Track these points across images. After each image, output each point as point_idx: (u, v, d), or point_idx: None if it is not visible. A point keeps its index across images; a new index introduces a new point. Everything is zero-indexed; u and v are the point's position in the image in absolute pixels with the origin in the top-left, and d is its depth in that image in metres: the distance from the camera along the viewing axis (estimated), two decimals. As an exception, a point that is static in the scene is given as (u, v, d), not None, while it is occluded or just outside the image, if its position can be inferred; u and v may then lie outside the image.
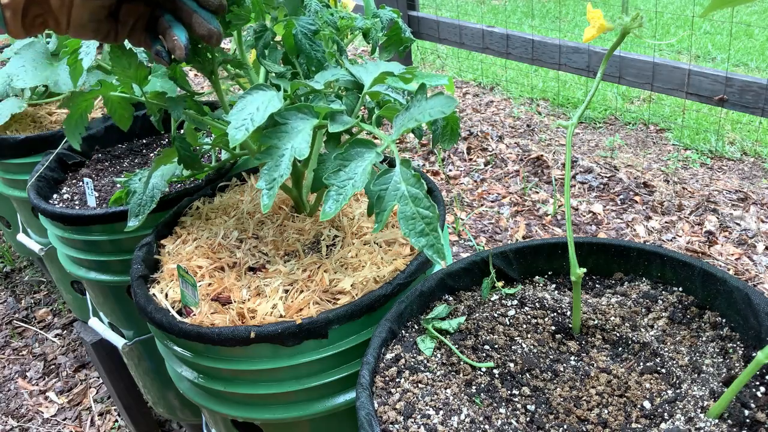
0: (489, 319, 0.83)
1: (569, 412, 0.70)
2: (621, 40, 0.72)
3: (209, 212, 1.10)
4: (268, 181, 0.70)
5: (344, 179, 0.66)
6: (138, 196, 1.04)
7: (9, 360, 2.15)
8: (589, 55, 2.17)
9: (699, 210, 2.16)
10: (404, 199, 0.62)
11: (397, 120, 0.69)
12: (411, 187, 0.63)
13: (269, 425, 0.90)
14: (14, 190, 1.64)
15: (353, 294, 0.87)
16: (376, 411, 0.69)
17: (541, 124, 2.99)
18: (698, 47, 4.05)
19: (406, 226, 0.62)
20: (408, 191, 0.63)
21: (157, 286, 0.95)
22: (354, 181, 0.65)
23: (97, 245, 1.23)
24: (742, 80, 1.81)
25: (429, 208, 0.62)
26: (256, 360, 0.82)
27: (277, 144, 0.71)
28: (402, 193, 0.62)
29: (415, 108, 0.68)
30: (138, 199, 1.04)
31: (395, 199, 0.63)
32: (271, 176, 0.70)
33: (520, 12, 5.12)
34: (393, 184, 0.63)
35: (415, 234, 0.62)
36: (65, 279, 1.71)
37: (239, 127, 0.71)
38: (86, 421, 1.88)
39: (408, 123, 0.67)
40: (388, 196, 0.63)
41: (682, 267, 0.84)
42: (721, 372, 0.71)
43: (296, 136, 0.71)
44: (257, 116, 0.71)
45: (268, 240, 1.00)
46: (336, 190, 0.66)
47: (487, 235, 2.19)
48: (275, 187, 0.70)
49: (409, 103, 0.70)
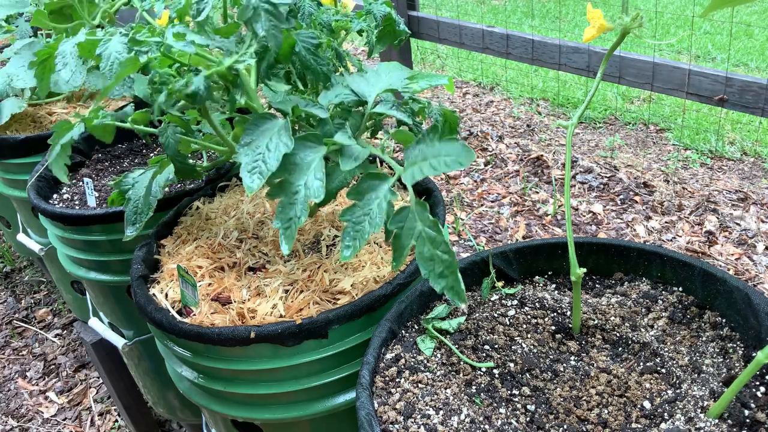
0: (489, 319, 0.83)
1: (569, 412, 0.70)
2: (621, 40, 0.72)
3: (209, 212, 1.10)
4: (284, 221, 0.67)
5: (360, 215, 0.63)
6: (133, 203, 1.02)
7: (9, 360, 2.15)
8: (589, 55, 2.17)
9: (699, 210, 2.16)
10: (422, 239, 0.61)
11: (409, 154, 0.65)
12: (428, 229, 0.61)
13: (269, 425, 0.90)
14: (14, 190, 1.64)
15: (353, 294, 0.87)
16: (376, 411, 0.69)
17: (541, 124, 2.99)
18: (698, 47, 4.05)
19: (425, 267, 0.61)
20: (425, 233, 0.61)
21: (157, 286, 0.95)
22: (370, 217, 0.63)
23: (97, 245, 1.23)
24: (742, 80, 1.81)
25: (448, 252, 0.60)
26: (256, 360, 0.82)
27: (289, 179, 0.68)
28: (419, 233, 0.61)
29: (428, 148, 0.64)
30: (134, 206, 1.02)
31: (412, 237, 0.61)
32: (287, 215, 0.67)
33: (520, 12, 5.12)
34: (409, 221, 0.62)
35: (435, 276, 0.61)
36: (65, 279, 1.71)
37: (252, 171, 0.68)
38: (86, 421, 1.88)
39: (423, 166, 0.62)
40: (404, 234, 0.62)
41: (682, 267, 0.84)
42: (721, 372, 0.71)
43: (307, 170, 0.68)
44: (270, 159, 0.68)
45: (268, 240, 1.00)
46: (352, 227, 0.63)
47: (487, 235, 2.18)
48: (293, 228, 0.67)
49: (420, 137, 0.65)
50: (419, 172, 0.63)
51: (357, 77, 0.80)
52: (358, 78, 0.80)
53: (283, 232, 0.67)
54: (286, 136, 0.70)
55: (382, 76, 0.80)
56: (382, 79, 0.79)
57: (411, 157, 0.64)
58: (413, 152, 0.64)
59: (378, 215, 0.63)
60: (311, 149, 0.70)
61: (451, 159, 0.62)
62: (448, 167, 0.62)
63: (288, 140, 0.69)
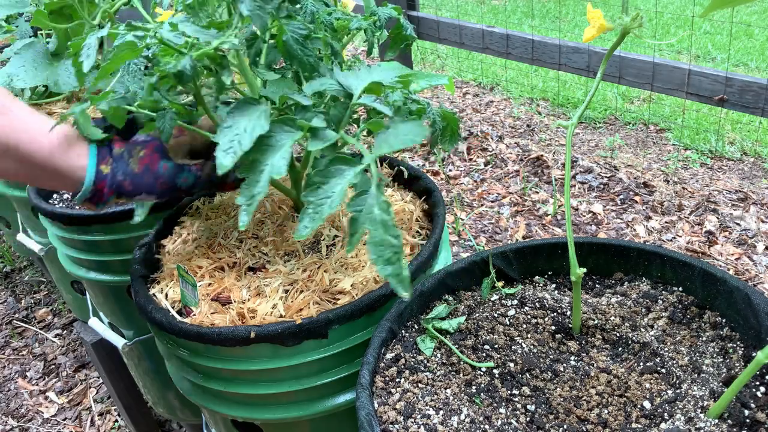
0: (489, 319, 0.83)
1: (569, 412, 0.70)
2: (621, 40, 0.72)
3: (209, 212, 1.10)
4: (247, 197, 0.69)
5: (322, 197, 0.65)
6: None
7: (9, 360, 2.15)
8: (589, 55, 2.18)
9: (699, 210, 2.16)
10: (374, 223, 0.61)
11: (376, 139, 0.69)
12: (382, 213, 0.62)
13: (269, 425, 0.90)
14: (14, 190, 1.64)
15: (353, 294, 0.87)
16: (376, 411, 0.69)
17: (541, 124, 2.99)
18: (698, 47, 4.05)
19: (374, 251, 0.61)
20: (379, 217, 0.62)
21: (157, 286, 0.95)
22: (331, 200, 0.64)
23: (97, 245, 1.23)
24: (742, 80, 1.81)
25: (396, 237, 0.61)
26: (256, 360, 0.82)
27: (260, 158, 0.70)
28: (374, 218, 0.62)
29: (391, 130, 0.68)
30: None
31: (367, 222, 0.62)
32: (251, 192, 0.69)
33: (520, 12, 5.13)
34: (368, 206, 0.62)
35: (383, 261, 0.61)
36: (65, 279, 1.71)
37: (227, 150, 0.70)
38: (86, 421, 1.88)
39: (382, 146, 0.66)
40: (361, 218, 0.63)
41: (682, 267, 0.84)
42: (721, 372, 0.71)
43: (277, 151, 0.70)
44: (245, 139, 0.70)
45: (268, 240, 1.00)
46: (313, 208, 0.65)
47: (487, 235, 2.19)
48: (254, 204, 0.69)
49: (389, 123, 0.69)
50: (378, 150, 0.66)
51: (347, 72, 0.81)
52: (347, 73, 0.81)
53: (245, 208, 0.69)
54: (264, 119, 0.72)
55: (373, 72, 0.81)
56: (372, 75, 0.80)
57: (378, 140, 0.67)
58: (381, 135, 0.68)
59: (338, 198, 0.65)
60: (287, 133, 0.72)
61: (407, 137, 0.65)
62: (403, 144, 0.65)
63: (265, 122, 0.71)
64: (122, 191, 0.86)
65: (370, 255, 0.61)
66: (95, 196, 0.85)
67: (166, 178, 0.87)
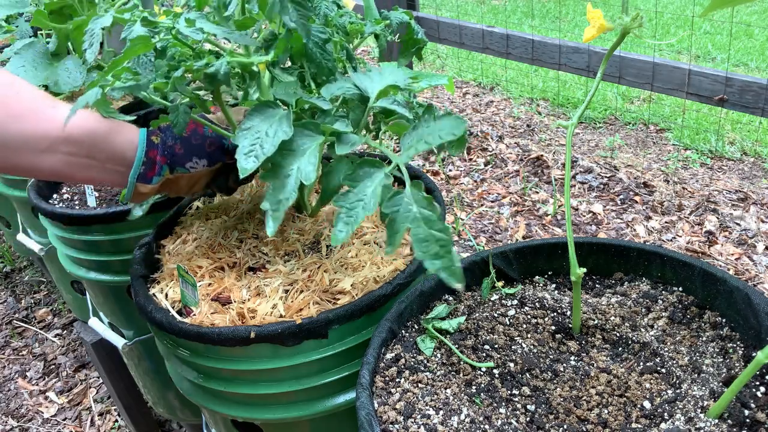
0: (489, 319, 0.83)
1: (569, 412, 0.70)
2: (621, 40, 0.72)
3: (209, 212, 1.10)
4: (273, 203, 0.67)
5: (354, 201, 0.64)
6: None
7: (9, 360, 2.15)
8: (589, 55, 2.18)
9: (699, 210, 2.16)
10: (416, 221, 0.60)
11: (405, 140, 0.67)
12: (423, 209, 0.60)
13: (269, 425, 0.90)
14: (14, 190, 1.64)
15: (353, 294, 0.87)
16: (376, 411, 0.69)
17: (541, 124, 2.99)
18: (698, 47, 4.05)
19: (419, 248, 0.60)
20: (420, 213, 0.61)
21: (157, 286, 0.95)
22: (364, 202, 0.63)
23: (97, 245, 1.23)
24: (742, 80, 1.81)
25: (443, 230, 0.60)
26: (256, 360, 0.82)
27: (282, 163, 0.69)
28: (414, 215, 0.61)
29: (423, 128, 0.66)
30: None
31: (407, 221, 0.61)
32: (276, 198, 0.67)
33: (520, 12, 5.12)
34: (404, 205, 0.61)
35: (430, 256, 0.60)
36: (65, 279, 1.71)
37: (248, 153, 0.69)
38: (86, 421, 1.88)
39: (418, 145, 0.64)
40: (399, 218, 0.61)
41: (682, 267, 0.84)
42: (721, 372, 0.71)
43: (302, 156, 0.69)
44: (267, 143, 0.69)
45: (268, 240, 1.00)
46: (346, 212, 0.63)
47: (487, 235, 2.18)
48: (281, 210, 0.67)
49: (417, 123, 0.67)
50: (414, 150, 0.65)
51: (361, 75, 0.81)
52: (362, 75, 0.81)
53: (271, 214, 0.68)
54: (287, 124, 0.71)
55: (386, 74, 0.80)
56: (385, 77, 0.79)
57: (407, 143, 0.66)
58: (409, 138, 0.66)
59: (372, 200, 0.63)
60: (309, 137, 0.71)
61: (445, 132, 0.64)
62: (442, 139, 0.64)
63: (288, 128, 0.70)
64: (174, 157, 0.89)
65: (416, 252, 0.60)
66: (148, 168, 0.87)
67: (213, 138, 0.91)
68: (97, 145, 0.84)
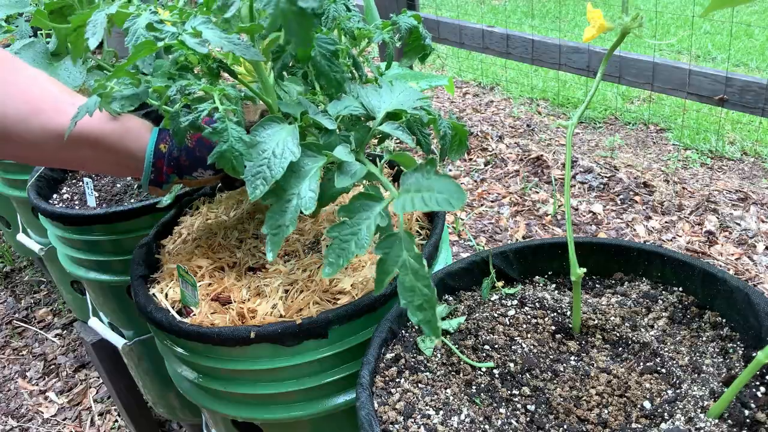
0: (489, 319, 0.83)
1: (569, 412, 0.70)
2: (621, 40, 0.72)
3: (209, 212, 1.10)
4: (273, 228, 0.67)
5: (347, 233, 0.63)
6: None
7: (9, 360, 2.15)
8: (589, 55, 2.18)
9: (699, 210, 2.16)
10: (405, 268, 0.60)
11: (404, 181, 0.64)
12: (412, 260, 0.60)
13: (269, 425, 0.90)
14: (14, 190, 1.64)
15: (353, 294, 0.87)
16: (376, 411, 0.69)
17: (541, 124, 2.99)
18: (698, 47, 4.05)
19: (404, 296, 0.60)
20: (410, 263, 0.60)
21: (157, 286, 0.95)
22: (358, 238, 0.62)
23: (97, 245, 1.23)
24: (742, 80, 1.81)
25: (428, 287, 0.59)
26: (256, 360, 0.82)
27: (284, 186, 0.68)
28: (403, 262, 0.60)
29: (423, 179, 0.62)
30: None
31: (396, 265, 0.61)
32: (276, 223, 0.67)
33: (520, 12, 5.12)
34: (395, 249, 0.61)
35: (414, 307, 0.60)
36: (65, 279, 1.71)
37: (256, 175, 0.68)
38: (86, 421, 1.88)
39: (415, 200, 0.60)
40: (390, 260, 0.61)
41: (682, 267, 0.84)
42: (721, 372, 0.71)
43: (304, 178, 0.68)
44: (275, 166, 0.68)
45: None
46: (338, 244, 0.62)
47: (487, 235, 2.18)
48: (280, 236, 0.66)
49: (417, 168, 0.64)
50: (410, 204, 0.61)
51: (370, 90, 0.79)
52: (370, 91, 0.79)
53: (270, 239, 0.67)
54: (293, 143, 0.69)
55: (396, 93, 0.79)
56: (394, 95, 0.78)
57: (406, 185, 0.63)
58: (409, 180, 0.63)
59: (366, 236, 0.62)
60: (311, 158, 0.70)
61: (442, 197, 0.60)
62: (438, 205, 0.60)
63: (295, 149, 0.69)
64: (180, 167, 0.89)
65: (401, 299, 0.60)
66: (157, 175, 0.89)
67: None
68: (114, 145, 0.85)
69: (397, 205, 0.62)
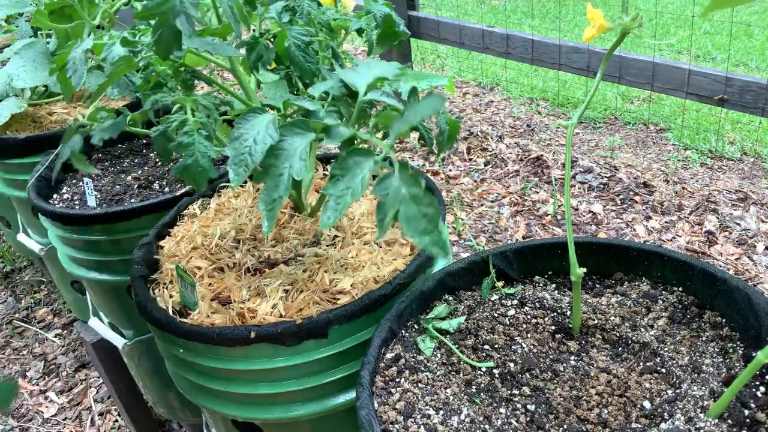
0: (489, 319, 0.83)
1: (569, 411, 0.70)
2: (621, 40, 0.72)
3: (208, 213, 1.10)
4: (268, 203, 0.69)
5: (342, 189, 0.64)
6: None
7: (9, 360, 2.15)
8: (589, 55, 2.17)
9: (699, 210, 2.16)
10: (405, 201, 0.61)
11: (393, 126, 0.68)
12: (411, 188, 0.62)
13: (269, 425, 0.90)
14: (14, 190, 1.64)
15: (353, 294, 0.87)
16: (376, 411, 0.69)
17: (541, 124, 2.99)
18: (698, 47, 4.05)
19: (407, 227, 0.61)
20: (409, 192, 0.61)
21: (157, 286, 0.95)
22: (353, 189, 0.64)
23: (97, 245, 1.23)
24: (742, 80, 1.81)
25: (429, 205, 0.61)
26: (256, 360, 0.82)
27: (275, 163, 0.70)
28: (403, 196, 0.61)
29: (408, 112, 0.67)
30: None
31: (396, 202, 0.62)
32: (271, 197, 0.68)
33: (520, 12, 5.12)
34: (393, 188, 0.61)
35: (418, 233, 0.61)
36: (65, 279, 1.71)
37: (239, 163, 0.70)
38: (86, 421, 1.88)
39: (402, 126, 0.66)
40: (388, 201, 0.62)
41: (682, 267, 0.84)
42: (721, 372, 0.71)
43: (294, 155, 0.70)
44: (255, 150, 0.70)
45: (267, 240, 1.00)
46: (335, 199, 0.64)
47: (487, 235, 2.18)
48: (275, 209, 0.68)
49: (404, 109, 0.68)
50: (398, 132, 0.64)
51: (348, 70, 0.81)
52: (349, 71, 0.81)
53: (266, 214, 0.69)
54: (273, 128, 0.71)
55: (373, 67, 0.80)
56: (372, 70, 0.79)
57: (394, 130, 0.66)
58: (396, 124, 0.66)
59: (360, 187, 0.64)
60: (300, 135, 0.72)
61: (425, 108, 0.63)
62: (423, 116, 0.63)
63: (274, 132, 0.71)
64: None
65: (404, 230, 0.60)
66: None
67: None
68: None
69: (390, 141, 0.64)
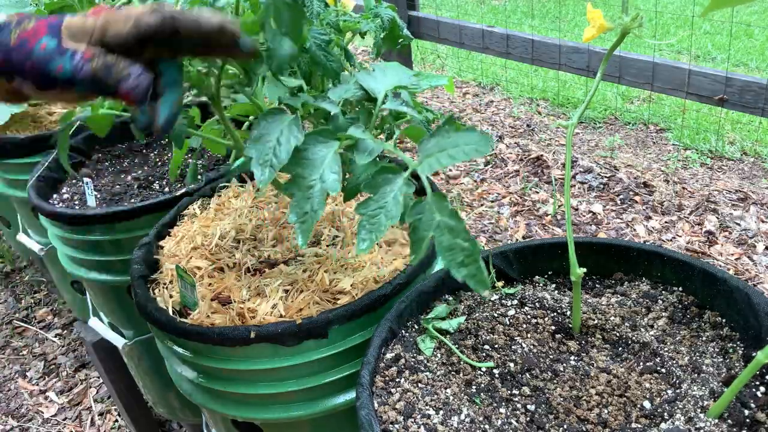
0: (489, 319, 0.83)
1: (569, 412, 0.70)
2: (621, 40, 0.72)
3: (208, 213, 1.10)
4: (300, 215, 0.66)
5: (375, 208, 0.62)
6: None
7: (9, 360, 2.15)
8: (589, 55, 2.17)
9: (699, 210, 2.16)
10: (440, 229, 0.60)
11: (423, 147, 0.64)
12: (447, 219, 0.60)
13: (269, 425, 0.90)
14: (14, 190, 1.64)
15: (353, 294, 0.87)
16: (376, 411, 0.69)
17: (541, 124, 2.99)
18: (698, 47, 4.05)
19: (445, 256, 0.60)
20: (444, 222, 0.60)
21: (157, 287, 0.95)
22: (386, 210, 0.62)
23: (97, 245, 1.23)
24: (742, 80, 1.81)
25: (469, 240, 0.59)
26: (256, 360, 0.82)
27: (302, 173, 0.67)
28: (438, 223, 0.60)
29: (445, 139, 0.63)
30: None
31: (431, 228, 0.60)
32: (302, 209, 0.66)
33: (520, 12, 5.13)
34: (427, 213, 0.60)
35: (456, 265, 0.59)
36: (65, 279, 1.71)
37: (264, 164, 0.68)
38: (86, 421, 1.88)
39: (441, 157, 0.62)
40: (423, 225, 0.60)
41: (682, 267, 0.84)
42: (721, 372, 0.71)
43: (321, 164, 0.67)
44: (280, 152, 0.68)
45: (267, 241, 1.00)
46: (368, 220, 0.62)
47: (487, 235, 2.18)
48: (308, 222, 0.66)
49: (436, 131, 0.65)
50: (437, 163, 0.62)
51: (365, 74, 0.80)
52: (366, 75, 0.80)
53: (299, 227, 0.66)
54: (297, 129, 0.69)
55: (389, 74, 0.80)
56: (389, 76, 0.79)
57: (426, 150, 0.63)
58: (428, 145, 0.64)
59: (394, 207, 0.62)
60: (323, 144, 0.70)
61: (470, 147, 0.61)
62: (467, 155, 0.61)
63: (298, 133, 0.69)
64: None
65: (442, 260, 0.60)
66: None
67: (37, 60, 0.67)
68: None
69: (423, 169, 0.62)
